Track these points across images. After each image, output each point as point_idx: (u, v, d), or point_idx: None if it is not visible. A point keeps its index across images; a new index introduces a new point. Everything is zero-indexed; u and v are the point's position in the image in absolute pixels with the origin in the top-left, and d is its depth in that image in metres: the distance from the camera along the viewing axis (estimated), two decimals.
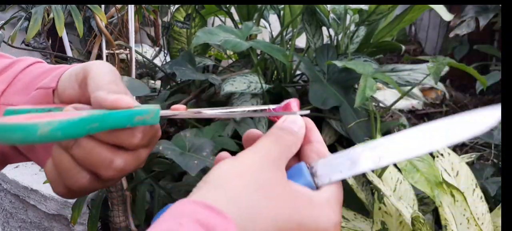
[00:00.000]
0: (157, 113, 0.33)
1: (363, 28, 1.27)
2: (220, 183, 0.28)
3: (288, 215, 0.28)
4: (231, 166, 0.29)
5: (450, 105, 1.77)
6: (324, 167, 0.31)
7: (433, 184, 0.67)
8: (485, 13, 1.69)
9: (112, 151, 0.32)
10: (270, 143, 0.31)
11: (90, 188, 0.34)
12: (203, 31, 1.02)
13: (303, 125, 0.33)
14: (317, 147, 0.33)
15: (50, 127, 0.28)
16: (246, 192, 0.27)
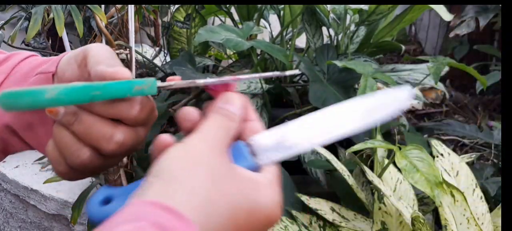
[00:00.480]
0: (154, 83, 0.34)
1: (363, 28, 1.27)
2: (174, 177, 0.27)
3: (240, 203, 0.28)
4: (181, 156, 0.28)
5: (450, 105, 1.77)
6: (261, 145, 0.32)
7: (433, 184, 0.67)
8: (485, 13, 1.69)
9: (112, 125, 0.34)
10: (215, 128, 0.31)
11: (91, 165, 0.34)
12: (205, 29, 1.02)
13: (240, 105, 0.33)
14: (252, 125, 0.34)
15: (57, 90, 0.30)
16: (201, 187, 0.27)
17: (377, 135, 0.94)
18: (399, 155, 0.71)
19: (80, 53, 0.37)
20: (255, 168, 0.32)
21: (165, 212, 0.25)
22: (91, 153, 0.34)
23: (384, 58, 2.26)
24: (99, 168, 0.36)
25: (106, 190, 0.32)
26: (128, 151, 0.35)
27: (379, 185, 0.74)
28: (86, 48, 0.36)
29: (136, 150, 0.37)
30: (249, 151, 0.32)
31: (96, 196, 0.31)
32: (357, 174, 0.94)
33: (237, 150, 0.32)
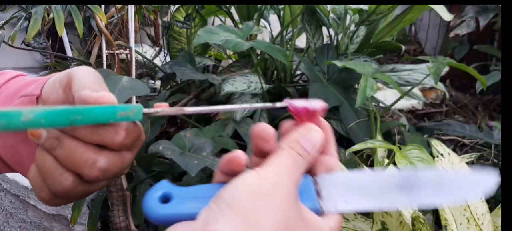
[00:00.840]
0: (140, 110, 0.33)
1: (363, 28, 1.27)
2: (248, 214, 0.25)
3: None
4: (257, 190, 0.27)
5: (450, 105, 1.77)
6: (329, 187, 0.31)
7: None
8: (485, 13, 1.69)
9: (95, 151, 0.33)
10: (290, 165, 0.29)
11: (74, 191, 0.33)
12: (204, 30, 1.02)
13: (320, 143, 0.32)
14: (328, 161, 0.33)
15: (34, 113, 0.29)
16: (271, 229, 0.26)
17: (377, 135, 0.94)
18: (399, 155, 0.71)
19: (65, 76, 0.36)
20: (318, 211, 0.30)
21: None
22: (74, 179, 0.33)
23: (384, 58, 2.27)
24: (83, 194, 0.35)
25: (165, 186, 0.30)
26: (113, 176, 0.34)
27: None
28: (71, 72, 0.36)
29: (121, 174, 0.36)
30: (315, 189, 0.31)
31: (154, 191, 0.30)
32: None
33: (304, 185, 0.31)
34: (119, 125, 0.33)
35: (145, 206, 0.30)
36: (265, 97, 1.10)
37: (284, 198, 0.27)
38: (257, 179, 0.27)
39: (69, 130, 0.32)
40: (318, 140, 0.32)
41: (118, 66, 1.07)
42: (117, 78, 0.84)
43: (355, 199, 0.31)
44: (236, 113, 1.06)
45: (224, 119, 1.13)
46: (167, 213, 0.29)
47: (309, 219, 0.29)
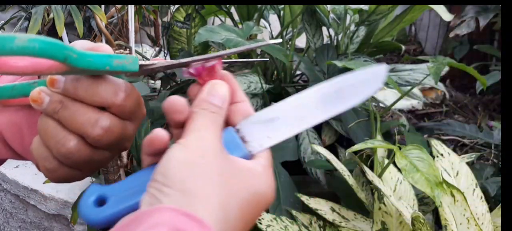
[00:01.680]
0: (136, 60, 0.33)
1: (363, 28, 1.27)
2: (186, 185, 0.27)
3: (245, 199, 0.29)
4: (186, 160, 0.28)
5: (450, 105, 1.77)
6: (251, 131, 0.32)
7: (433, 184, 0.67)
8: (485, 13, 1.69)
9: (97, 111, 0.33)
10: (208, 125, 0.31)
11: (78, 155, 0.34)
12: (205, 29, 1.02)
13: (227, 95, 0.33)
14: (241, 107, 0.34)
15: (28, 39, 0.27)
16: (214, 192, 0.27)
17: (377, 135, 0.94)
18: (399, 155, 0.71)
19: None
20: (247, 156, 0.32)
21: (187, 218, 0.25)
22: (78, 141, 0.34)
23: (384, 58, 2.26)
24: (88, 160, 0.35)
25: (97, 189, 0.30)
26: (114, 142, 0.35)
27: (379, 185, 0.74)
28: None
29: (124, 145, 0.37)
30: (239, 136, 0.32)
31: (88, 195, 0.30)
32: (357, 174, 0.94)
33: (228, 137, 0.32)
34: (118, 84, 0.34)
35: (81, 214, 0.29)
36: (265, 97, 1.11)
37: (212, 157, 0.28)
38: (183, 149, 0.29)
39: (71, 92, 0.33)
40: (224, 92, 0.33)
41: None
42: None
43: (276, 131, 0.32)
44: None
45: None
46: (107, 215, 0.29)
47: (241, 166, 0.30)
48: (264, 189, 0.30)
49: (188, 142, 0.29)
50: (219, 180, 0.28)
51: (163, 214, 0.25)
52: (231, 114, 0.34)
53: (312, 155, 1.02)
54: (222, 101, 0.33)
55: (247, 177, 0.30)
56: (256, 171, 0.31)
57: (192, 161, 0.28)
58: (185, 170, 0.27)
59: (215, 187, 0.27)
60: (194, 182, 0.27)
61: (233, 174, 0.29)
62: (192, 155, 0.28)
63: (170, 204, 0.26)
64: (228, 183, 0.28)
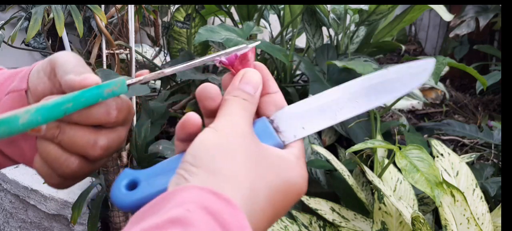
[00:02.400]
0: (124, 83, 0.34)
1: (363, 28, 1.27)
2: (215, 166, 0.27)
3: (276, 185, 0.29)
4: (216, 142, 0.28)
5: (450, 105, 1.77)
6: (285, 121, 0.32)
7: (433, 184, 0.67)
8: (485, 13, 1.69)
9: (94, 132, 0.35)
10: (239, 111, 0.31)
11: (81, 172, 0.36)
12: (205, 28, 1.02)
13: (259, 83, 0.33)
14: (274, 99, 0.34)
15: (29, 113, 0.30)
16: (243, 174, 0.27)
17: (377, 135, 0.94)
18: (399, 155, 0.71)
19: (47, 64, 0.37)
20: (280, 145, 0.32)
21: (213, 196, 0.25)
22: (80, 161, 0.35)
23: (384, 58, 2.26)
24: (90, 172, 0.37)
25: (130, 173, 0.31)
26: (113, 152, 0.37)
27: (379, 185, 0.74)
28: (53, 58, 0.37)
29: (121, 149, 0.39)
30: (273, 127, 0.32)
31: (121, 180, 0.31)
32: (357, 174, 0.94)
33: (261, 127, 0.32)
34: (110, 104, 0.35)
35: (113, 198, 0.30)
36: None
37: (241, 141, 0.29)
38: (214, 133, 0.29)
39: (66, 117, 0.34)
40: (256, 80, 0.33)
41: (118, 66, 1.07)
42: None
43: (311, 123, 0.33)
44: None
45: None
46: (137, 199, 0.30)
47: (272, 153, 0.30)
48: (295, 177, 0.30)
49: (219, 125, 0.30)
50: (247, 162, 0.28)
51: (190, 192, 0.25)
52: (264, 105, 0.34)
53: (312, 155, 1.02)
54: (255, 89, 0.33)
55: (278, 164, 0.30)
56: (288, 159, 0.31)
57: (221, 143, 0.28)
58: (214, 151, 0.28)
59: (243, 168, 0.28)
60: (222, 163, 0.27)
61: (263, 159, 0.29)
62: (222, 138, 0.29)
63: (197, 183, 0.26)
64: (257, 166, 0.28)
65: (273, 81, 0.35)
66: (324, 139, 1.09)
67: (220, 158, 0.28)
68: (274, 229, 0.76)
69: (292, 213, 0.84)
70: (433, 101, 1.83)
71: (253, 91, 0.33)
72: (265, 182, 0.28)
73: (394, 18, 1.28)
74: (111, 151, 0.36)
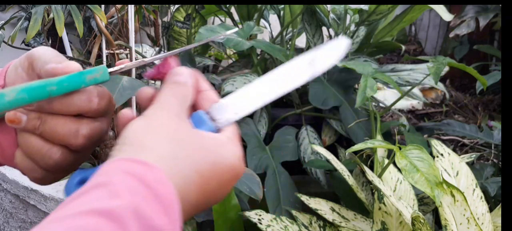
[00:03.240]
0: (105, 70, 0.35)
1: (363, 28, 1.27)
2: (140, 142, 0.29)
3: (203, 158, 0.30)
4: (144, 124, 0.31)
5: (450, 105, 1.77)
6: (219, 111, 0.35)
7: (433, 184, 0.67)
8: (485, 13, 1.69)
9: (76, 121, 0.35)
10: (169, 97, 0.33)
11: (65, 162, 0.35)
12: (206, 28, 1.02)
13: (189, 74, 0.35)
14: (207, 95, 0.36)
15: (15, 91, 0.31)
16: (163, 143, 0.29)
17: (377, 135, 0.94)
18: (399, 155, 0.71)
19: (25, 60, 0.37)
20: (215, 131, 0.34)
21: (132, 162, 0.27)
22: (63, 151, 0.35)
23: (384, 58, 2.26)
24: (73, 165, 0.37)
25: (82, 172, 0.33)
26: (96, 142, 0.37)
27: (379, 185, 0.74)
28: (30, 54, 0.37)
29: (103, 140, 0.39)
30: (209, 117, 0.35)
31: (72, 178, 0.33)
32: (357, 174, 0.94)
33: (197, 117, 0.34)
34: (91, 92, 0.35)
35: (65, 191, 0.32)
36: None
37: (165, 119, 0.31)
38: (142, 117, 0.32)
39: (47, 107, 0.34)
40: (185, 71, 0.35)
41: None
42: (117, 78, 0.84)
43: (242, 107, 0.35)
44: None
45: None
46: None
47: (204, 135, 0.32)
48: (226, 153, 0.32)
49: (146, 111, 0.32)
50: (169, 135, 0.30)
51: (112, 163, 0.28)
52: (199, 101, 0.36)
53: (312, 155, 1.02)
54: (185, 77, 0.35)
55: (208, 142, 0.31)
56: (219, 139, 0.33)
57: (147, 123, 0.31)
58: (138, 130, 0.30)
59: (163, 139, 0.30)
60: (145, 138, 0.30)
61: (188, 135, 0.31)
62: (148, 119, 0.31)
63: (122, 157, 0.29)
64: (181, 139, 0.30)
65: (205, 80, 0.37)
66: (324, 139, 1.09)
67: (144, 134, 0.30)
68: (274, 229, 0.76)
69: (292, 213, 0.84)
70: (433, 101, 1.83)
71: (184, 79, 0.35)
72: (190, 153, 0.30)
73: (394, 18, 1.28)
74: (93, 140, 0.36)
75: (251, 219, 0.77)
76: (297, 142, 1.06)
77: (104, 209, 0.24)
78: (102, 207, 0.24)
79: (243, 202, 0.86)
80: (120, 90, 0.80)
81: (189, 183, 0.29)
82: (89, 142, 0.36)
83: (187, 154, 0.30)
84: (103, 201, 0.24)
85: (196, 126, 0.33)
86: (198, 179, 0.30)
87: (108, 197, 0.24)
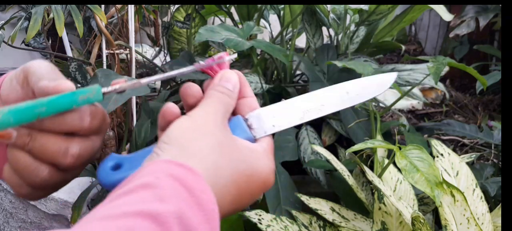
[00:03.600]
0: (99, 90, 0.34)
1: (363, 28, 1.27)
2: (184, 144, 0.31)
3: (240, 168, 0.32)
4: (189, 126, 0.32)
5: (450, 105, 1.77)
6: (257, 120, 0.36)
7: (433, 184, 0.67)
8: (485, 13, 1.69)
9: (66, 139, 0.34)
10: (215, 103, 0.34)
11: (52, 181, 0.35)
12: (205, 28, 1.02)
13: (237, 82, 0.37)
14: (249, 102, 0.37)
15: (1, 113, 0.30)
16: (208, 152, 0.31)
17: (377, 135, 0.94)
18: (399, 155, 0.71)
19: (20, 72, 0.37)
20: (252, 140, 0.35)
21: (179, 167, 0.28)
22: (50, 169, 0.34)
23: (384, 58, 2.27)
24: (61, 183, 0.36)
25: (115, 157, 0.33)
26: (86, 161, 0.36)
27: (379, 185, 0.74)
28: (26, 67, 0.37)
29: (94, 159, 0.38)
30: (247, 124, 0.36)
31: (106, 162, 0.33)
32: (357, 174, 0.94)
33: (236, 123, 0.35)
34: (83, 111, 0.34)
35: (99, 175, 0.33)
36: (265, 97, 1.11)
37: (212, 126, 0.32)
38: (188, 118, 0.33)
39: (37, 124, 0.33)
40: (234, 79, 0.37)
41: (118, 66, 1.07)
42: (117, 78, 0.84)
43: (281, 122, 0.37)
44: None
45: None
46: (119, 178, 0.32)
47: (242, 144, 0.34)
48: (261, 167, 0.33)
49: (194, 113, 0.33)
50: (214, 144, 0.31)
51: (159, 165, 0.29)
52: (240, 107, 0.37)
53: (312, 155, 1.02)
54: (233, 86, 0.36)
55: (245, 152, 0.33)
56: (256, 150, 0.34)
57: (192, 126, 0.32)
58: (185, 132, 0.31)
59: (209, 148, 0.31)
60: (191, 141, 0.31)
61: (230, 145, 0.32)
62: (194, 122, 0.32)
63: (167, 157, 0.30)
64: (223, 149, 0.32)
65: (249, 87, 0.38)
66: (324, 139, 1.09)
67: (189, 138, 0.31)
68: (274, 229, 0.76)
69: (292, 213, 0.84)
70: (433, 101, 1.83)
71: (231, 87, 0.36)
72: (230, 164, 0.31)
73: (394, 18, 1.28)
74: (83, 160, 0.35)
75: (251, 219, 0.77)
76: (297, 142, 1.06)
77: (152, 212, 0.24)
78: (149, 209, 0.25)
79: None
80: None
81: (226, 193, 0.31)
82: (79, 161, 0.35)
83: (228, 165, 0.31)
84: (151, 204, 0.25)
85: (233, 130, 0.34)
86: (234, 190, 0.31)
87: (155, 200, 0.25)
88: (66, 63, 1.16)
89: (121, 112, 1.16)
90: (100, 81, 0.85)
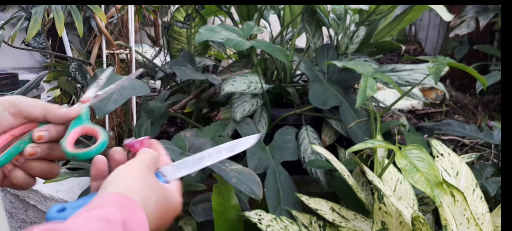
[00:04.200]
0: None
1: (363, 28, 1.27)
2: (124, 185, 0.43)
3: (161, 201, 0.45)
4: (126, 171, 0.44)
5: (450, 105, 1.77)
6: (169, 170, 0.51)
7: (433, 184, 0.67)
8: (485, 13, 1.69)
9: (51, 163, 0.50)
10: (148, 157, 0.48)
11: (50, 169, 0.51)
12: (205, 28, 1.02)
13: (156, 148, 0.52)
14: (163, 159, 0.51)
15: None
16: (141, 188, 0.43)
17: (377, 135, 0.94)
18: (399, 155, 0.71)
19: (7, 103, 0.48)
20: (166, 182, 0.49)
21: (121, 197, 0.40)
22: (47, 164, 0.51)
23: (384, 58, 2.27)
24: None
25: (60, 204, 0.42)
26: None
27: (379, 185, 0.74)
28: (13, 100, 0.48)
29: None
30: (162, 173, 0.50)
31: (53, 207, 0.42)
32: (357, 174, 0.94)
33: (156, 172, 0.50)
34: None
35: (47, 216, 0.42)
36: (265, 97, 1.11)
37: (142, 170, 0.45)
38: (123, 166, 0.45)
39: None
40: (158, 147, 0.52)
41: (118, 66, 1.07)
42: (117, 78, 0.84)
43: (185, 170, 0.52)
44: (236, 113, 1.06)
45: (224, 119, 1.13)
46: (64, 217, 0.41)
47: (160, 184, 0.47)
48: (173, 200, 0.47)
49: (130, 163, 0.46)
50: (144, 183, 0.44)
51: (107, 195, 0.40)
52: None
53: (312, 155, 1.02)
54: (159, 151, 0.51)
55: (162, 189, 0.46)
56: (169, 188, 0.48)
57: (129, 171, 0.44)
58: (124, 175, 0.44)
59: (139, 186, 0.44)
60: (129, 182, 0.43)
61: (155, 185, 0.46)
62: (129, 169, 0.45)
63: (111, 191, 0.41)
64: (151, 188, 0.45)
65: (162, 148, 0.52)
66: (324, 139, 1.09)
67: (126, 178, 0.44)
68: (274, 229, 0.76)
69: (292, 213, 0.84)
70: (433, 101, 1.83)
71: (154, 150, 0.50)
72: (154, 196, 0.44)
73: (394, 18, 1.28)
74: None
75: (251, 219, 0.77)
76: (297, 142, 1.06)
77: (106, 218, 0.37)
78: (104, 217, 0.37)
79: (243, 202, 0.86)
80: (120, 90, 0.80)
81: (150, 214, 0.43)
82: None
83: (153, 197, 0.44)
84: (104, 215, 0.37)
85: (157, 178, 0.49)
86: (156, 213, 0.44)
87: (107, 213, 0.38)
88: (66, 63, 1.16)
89: (121, 112, 1.16)
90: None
